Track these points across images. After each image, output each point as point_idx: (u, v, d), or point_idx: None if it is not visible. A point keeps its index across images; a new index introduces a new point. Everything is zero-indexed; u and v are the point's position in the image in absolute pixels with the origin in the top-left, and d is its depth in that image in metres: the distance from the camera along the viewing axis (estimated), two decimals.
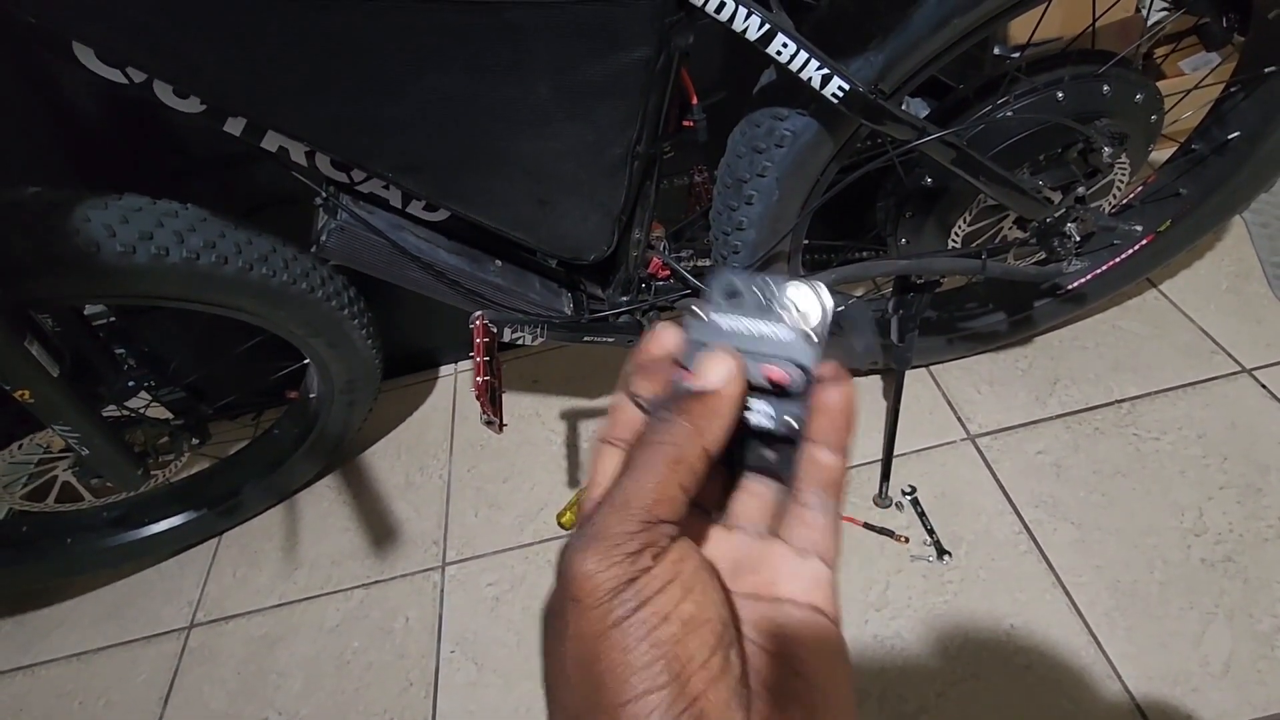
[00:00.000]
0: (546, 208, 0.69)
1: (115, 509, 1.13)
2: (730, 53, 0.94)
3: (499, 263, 0.78)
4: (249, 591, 1.15)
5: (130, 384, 1.26)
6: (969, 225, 0.85)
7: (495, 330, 0.72)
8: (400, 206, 0.71)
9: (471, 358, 0.70)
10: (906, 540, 0.99)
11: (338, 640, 1.05)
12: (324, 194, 0.65)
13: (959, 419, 1.12)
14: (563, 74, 0.58)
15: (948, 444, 1.10)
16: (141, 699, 1.04)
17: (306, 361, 1.06)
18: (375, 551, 1.16)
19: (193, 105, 0.58)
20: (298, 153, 0.63)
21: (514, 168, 0.65)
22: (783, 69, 0.60)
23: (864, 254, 1.02)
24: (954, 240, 0.87)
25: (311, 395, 1.12)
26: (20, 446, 0.86)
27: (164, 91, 0.59)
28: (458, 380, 1.42)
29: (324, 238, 0.67)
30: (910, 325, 0.91)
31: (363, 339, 1.02)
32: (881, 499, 1.03)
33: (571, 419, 1.28)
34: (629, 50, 0.57)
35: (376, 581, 1.12)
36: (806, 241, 0.88)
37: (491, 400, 0.71)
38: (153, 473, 0.94)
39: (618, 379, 1.11)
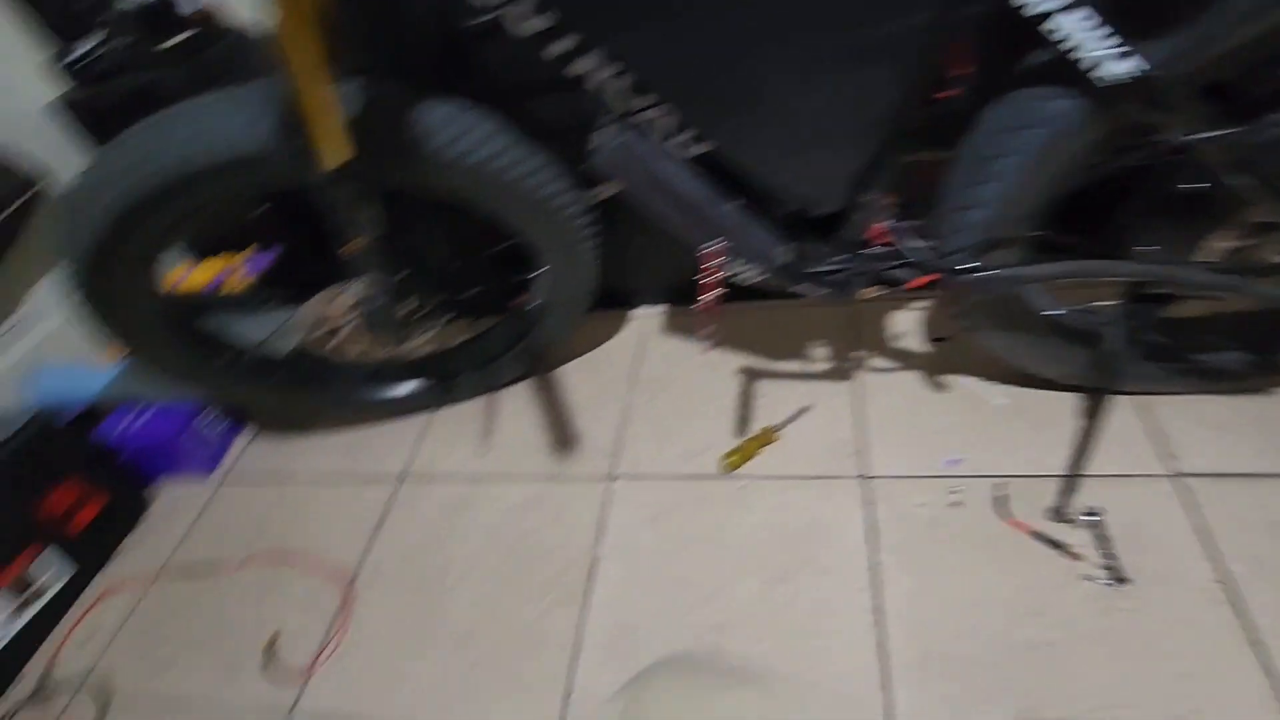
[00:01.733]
0: (798, 156, 0.76)
1: (368, 368, 1.37)
2: (991, 27, 0.94)
3: (732, 204, 0.86)
4: (451, 459, 1.35)
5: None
6: (1226, 241, 0.80)
7: (723, 259, 0.81)
8: (668, 136, 0.81)
9: (703, 273, 0.80)
10: (1079, 558, 0.95)
11: (514, 518, 1.21)
12: (611, 116, 0.77)
13: (1169, 453, 1.05)
14: (850, 30, 0.64)
15: (1146, 476, 1.03)
16: (360, 522, 1.27)
17: (536, 274, 1.22)
18: (556, 451, 1.30)
19: (536, 25, 0.71)
20: (603, 75, 0.74)
21: (783, 113, 0.72)
22: (1064, 46, 0.62)
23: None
24: (1209, 256, 0.82)
25: (533, 305, 1.28)
26: (328, 295, 1.08)
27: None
28: (647, 323, 1.53)
29: (601, 154, 0.79)
30: (1133, 340, 0.87)
31: (591, 262, 1.15)
32: (1059, 514, 1.00)
33: (748, 376, 1.34)
34: (918, 13, 0.62)
35: (553, 478, 1.26)
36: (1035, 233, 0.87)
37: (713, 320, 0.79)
38: (409, 338, 1.14)
39: (797, 347, 1.14)
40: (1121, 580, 0.92)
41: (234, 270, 1.60)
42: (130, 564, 1.33)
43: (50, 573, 1.24)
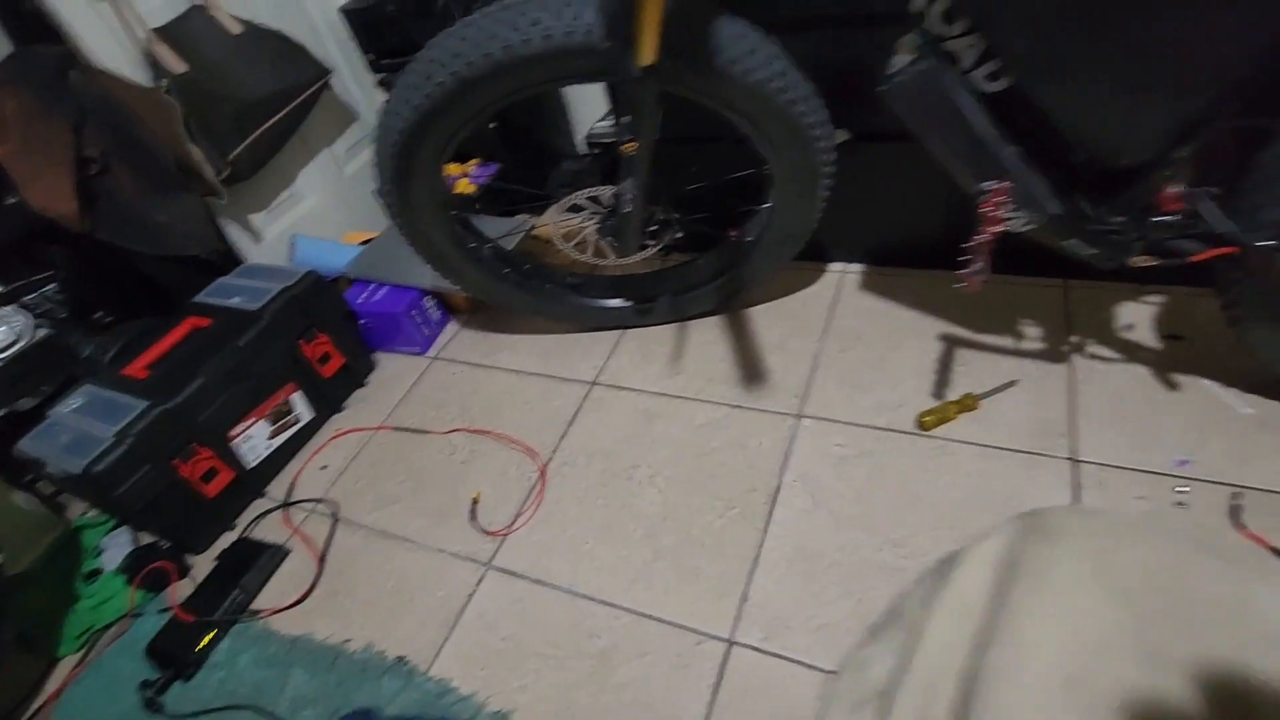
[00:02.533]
0: (1123, 96, 0.73)
1: (577, 278, 1.47)
2: None
3: (1017, 148, 0.84)
4: (640, 375, 1.43)
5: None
6: None
7: (1002, 201, 0.80)
8: (969, 69, 0.80)
9: (985, 214, 0.79)
10: None
11: (702, 435, 1.27)
12: (920, 41, 0.78)
13: None
14: None
15: None
16: (555, 416, 1.38)
17: (761, 208, 1.25)
18: (743, 384, 1.35)
19: None
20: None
21: (1125, 45, 0.69)
22: None
23: None
24: None
25: (749, 239, 1.32)
26: (589, 193, 1.17)
27: None
28: (844, 279, 1.53)
29: (900, 77, 0.80)
30: None
31: (820, 199, 1.17)
32: None
33: (950, 343, 1.32)
34: None
35: (740, 407, 1.31)
36: None
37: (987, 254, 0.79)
38: (638, 250, 1.22)
39: (1006, 323, 1.10)
40: None
41: (459, 180, 1.76)
42: (358, 415, 1.53)
43: (301, 408, 1.45)
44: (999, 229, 0.77)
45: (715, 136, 1.08)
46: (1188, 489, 1.01)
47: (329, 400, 1.52)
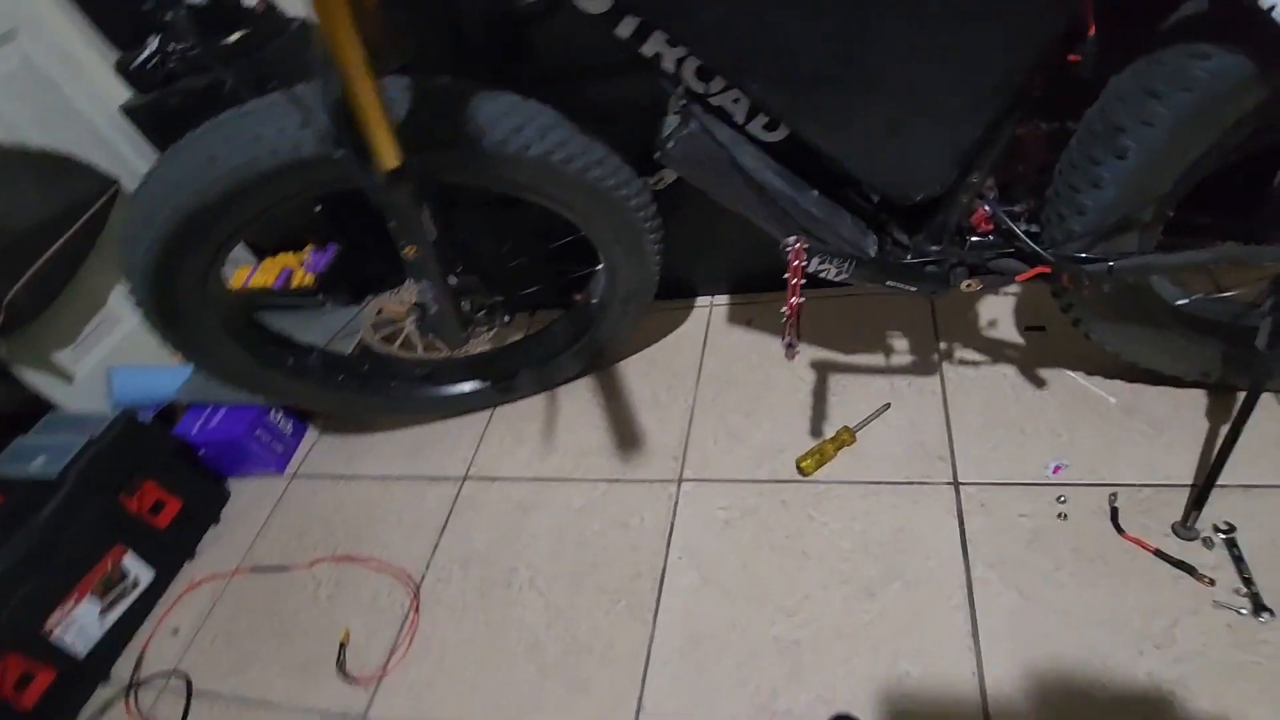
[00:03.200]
0: (894, 135, 0.67)
1: (426, 367, 1.35)
2: None
3: (817, 192, 0.78)
4: (511, 461, 1.32)
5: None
6: None
7: (807, 257, 0.73)
8: (742, 122, 0.74)
9: (786, 280, 0.72)
10: (1212, 583, 0.85)
11: (581, 520, 1.18)
12: (682, 102, 0.70)
13: None
14: None
15: None
16: (425, 524, 1.26)
17: (596, 269, 1.16)
18: (620, 453, 1.26)
19: (600, 6, 0.65)
20: (670, 59, 0.68)
21: (879, 86, 0.63)
22: None
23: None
24: None
25: (594, 300, 1.23)
26: (391, 294, 1.06)
27: None
28: (712, 313, 1.46)
29: (671, 143, 0.72)
30: None
31: (653, 254, 1.09)
32: (1185, 529, 0.89)
33: (822, 370, 1.26)
34: None
35: (618, 480, 1.22)
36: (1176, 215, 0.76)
37: (797, 325, 0.72)
38: (469, 340, 1.11)
39: (874, 338, 1.05)
40: (1262, 610, 0.81)
41: (294, 270, 1.62)
42: (212, 559, 1.36)
43: (136, 570, 1.28)
44: (799, 300, 0.70)
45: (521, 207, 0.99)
46: (1066, 499, 0.97)
47: (173, 550, 1.35)
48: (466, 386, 1.37)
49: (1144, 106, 0.65)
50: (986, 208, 0.78)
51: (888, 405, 1.16)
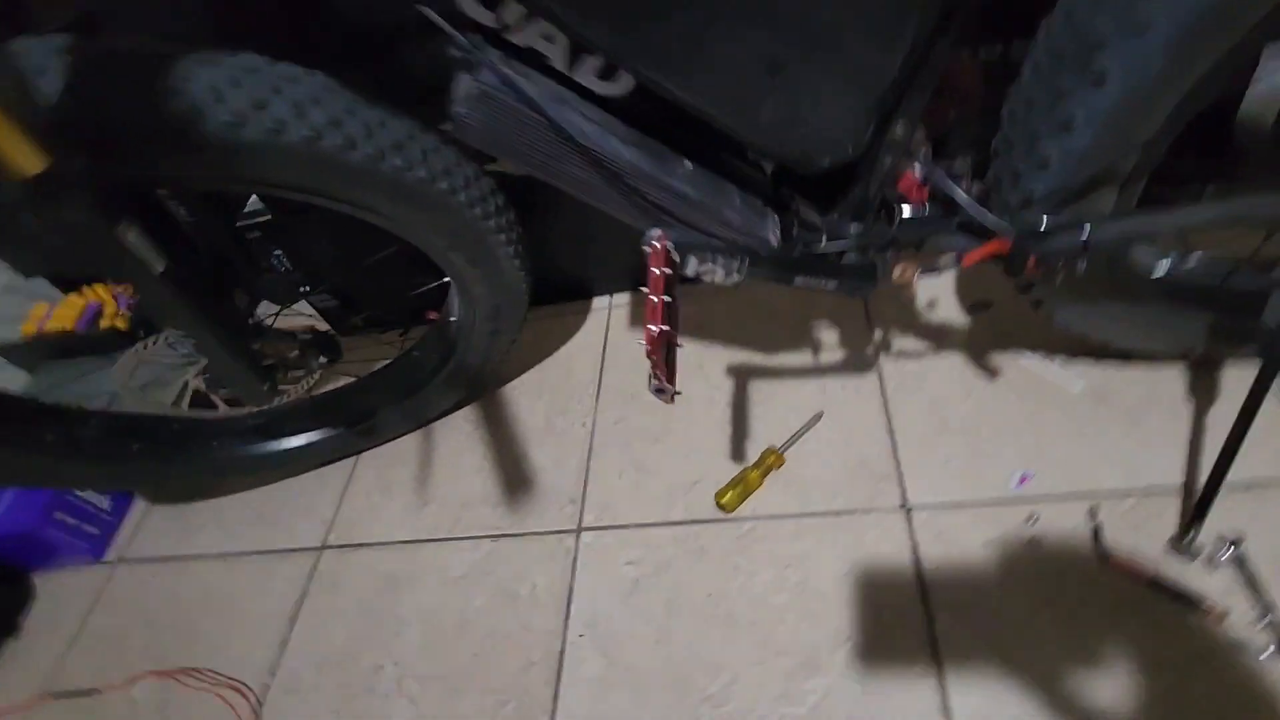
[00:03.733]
0: (778, 77, 0.45)
1: (258, 418, 1.08)
2: None
3: (689, 164, 0.55)
4: (379, 521, 1.07)
5: (288, 286, 1.23)
6: None
7: (678, 259, 0.51)
8: (565, 69, 0.50)
9: (644, 294, 0.50)
10: (1224, 615, 0.68)
11: (460, 594, 0.94)
12: (464, 42, 0.46)
13: None
14: None
15: None
16: (273, 614, 1.01)
17: (446, 280, 0.92)
18: (507, 500, 1.03)
19: None
20: None
21: (744, 6, 0.41)
22: None
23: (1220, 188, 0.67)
24: None
25: (452, 319, 0.99)
26: (146, 345, 0.79)
27: None
28: (611, 315, 1.24)
29: (460, 107, 0.48)
30: None
31: (509, 258, 0.85)
32: (1184, 546, 0.72)
33: (741, 375, 1.06)
34: None
35: (505, 535, 0.99)
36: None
37: (667, 358, 0.50)
38: (282, 387, 0.85)
39: (800, 332, 0.83)
40: None
41: (104, 305, 1.30)
42: (7, 684, 1.07)
43: None
44: (662, 327, 0.48)
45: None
46: (1037, 518, 0.79)
47: None
48: (315, 435, 1.11)
49: (1122, 12, 0.45)
50: (918, 170, 0.57)
51: (819, 415, 0.96)
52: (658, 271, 0.49)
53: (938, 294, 1.05)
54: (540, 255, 1.08)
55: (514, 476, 1.05)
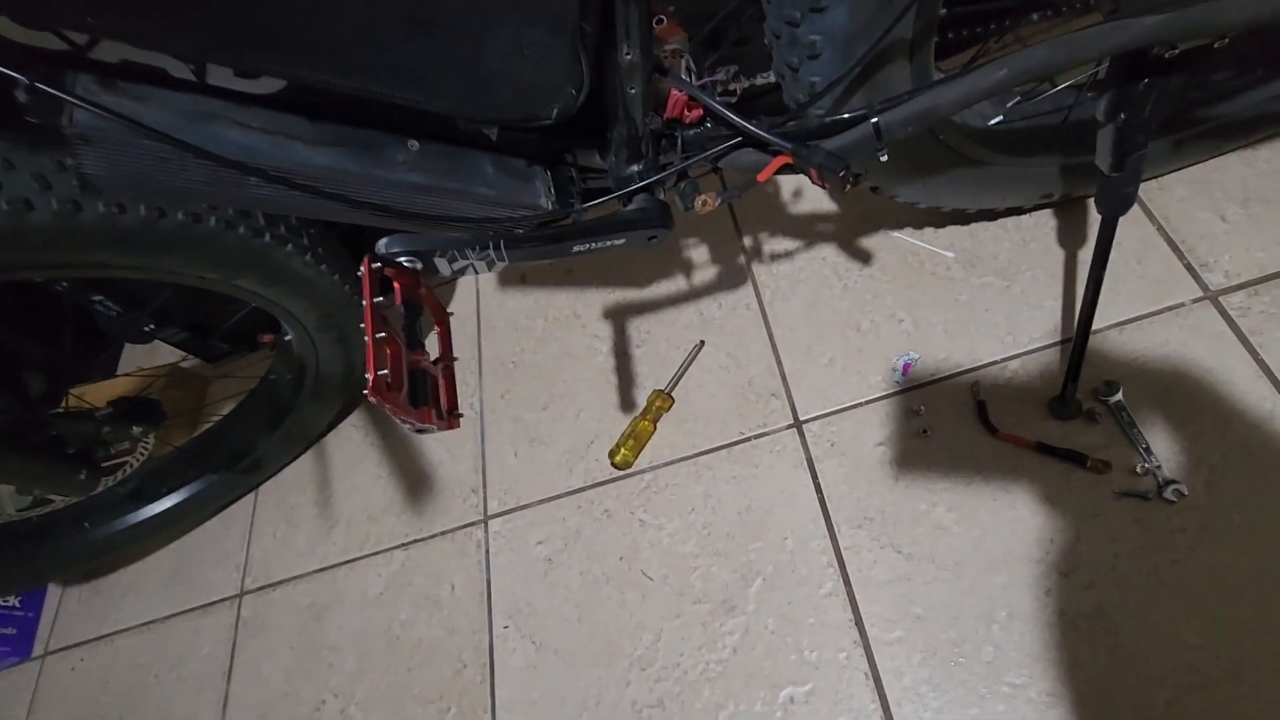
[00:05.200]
0: (438, 36, 0.36)
1: (128, 484, 1.00)
2: None
3: (414, 144, 0.46)
4: (290, 554, 1.03)
5: (131, 328, 1.11)
6: None
7: (418, 264, 0.43)
8: (193, 76, 0.40)
9: (361, 332, 0.42)
10: (1106, 467, 0.67)
11: (384, 611, 0.92)
12: (26, 80, 0.35)
13: (1188, 267, 0.73)
14: None
15: (1170, 310, 0.72)
16: (208, 673, 0.98)
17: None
18: (411, 504, 0.98)
19: None
20: None
21: None
22: None
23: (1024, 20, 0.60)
24: None
25: (287, 337, 0.90)
26: None
27: None
28: (479, 280, 1.15)
29: (74, 160, 0.38)
30: (1139, 141, 0.52)
31: (311, 263, 0.75)
32: (1064, 405, 0.70)
33: (618, 317, 0.99)
34: None
35: (415, 540, 0.95)
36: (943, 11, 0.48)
37: (416, 397, 0.43)
38: (108, 465, 0.77)
39: (675, 253, 0.75)
40: (1167, 485, 0.64)
41: None
42: None
43: None
44: (381, 333, 0.40)
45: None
46: (923, 407, 0.76)
47: None
48: (197, 485, 1.04)
49: None
50: (678, 86, 0.49)
51: (701, 344, 0.91)
52: (366, 303, 0.42)
53: (801, 183, 0.98)
54: (363, 237, 0.98)
55: (413, 478, 1.01)
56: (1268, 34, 0.66)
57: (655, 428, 0.88)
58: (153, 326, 1.14)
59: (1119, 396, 0.68)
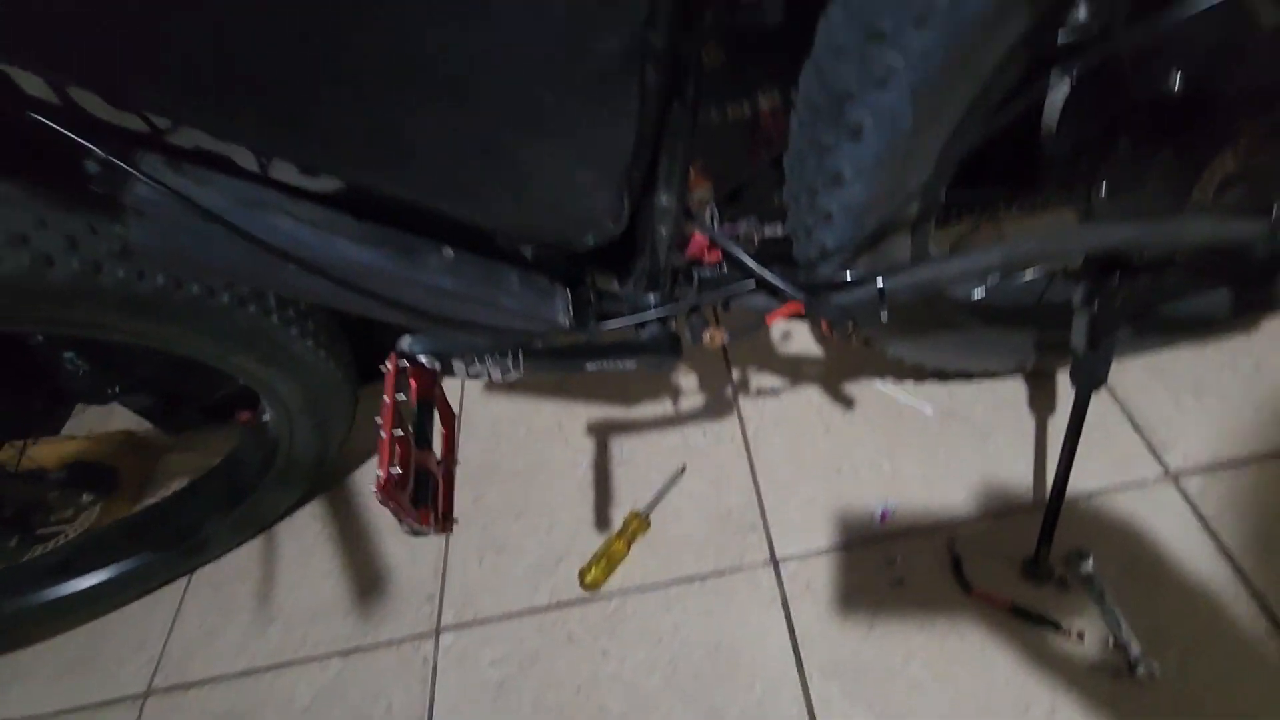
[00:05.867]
0: (494, 161, 0.40)
1: (53, 556, 0.93)
2: None
3: (449, 252, 0.49)
4: (215, 650, 0.94)
5: (95, 388, 1.07)
6: (1236, 164, 0.50)
7: (436, 366, 0.44)
8: (257, 168, 0.43)
9: (377, 429, 0.42)
10: (1080, 637, 0.67)
11: None
12: (101, 153, 0.37)
13: (1150, 447, 0.78)
14: None
15: (1134, 486, 0.76)
16: None
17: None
18: (359, 606, 0.92)
19: None
20: (31, 77, 0.35)
21: (413, 84, 0.35)
22: None
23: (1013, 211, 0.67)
24: (1201, 193, 0.52)
25: (266, 418, 0.88)
26: None
27: None
28: (465, 382, 1.15)
29: (125, 228, 0.40)
30: (1110, 326, 0.57)
31: (311, 349, 0.76)
32: (1038, 568, 0.71)
33: (603, 433, 1.00)
34: None
35: (357, 649, 0.88)
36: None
37: (419, 497, 0.43)
38: (42, 533, 0.72)
39: (655, 381, 0.76)
40: (1138, 664, 0.64)
41: None
42: None
43: None
44: (397, 430, 0.41)
45: None
46: (900, 558, 0.77)
47: None
48: (130, 563, 0.96)
49: (867, 59, 0.42)
50: (703, 230, 0.53)
51: (683, 469, 0.91)
52: (389, 400, 0.42)
53: (791, 324, 1.03)
54: (370, 326, 0.99)
55: (367, 577, 0.95)
56: (1216, 252, 0.75)
57: (629, 550, 0.86)
58: (119, 389, 1.11)
59: (1090, 566, 0.70)
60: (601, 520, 0.91)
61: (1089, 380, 0.62)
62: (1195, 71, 0.45)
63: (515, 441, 1.04)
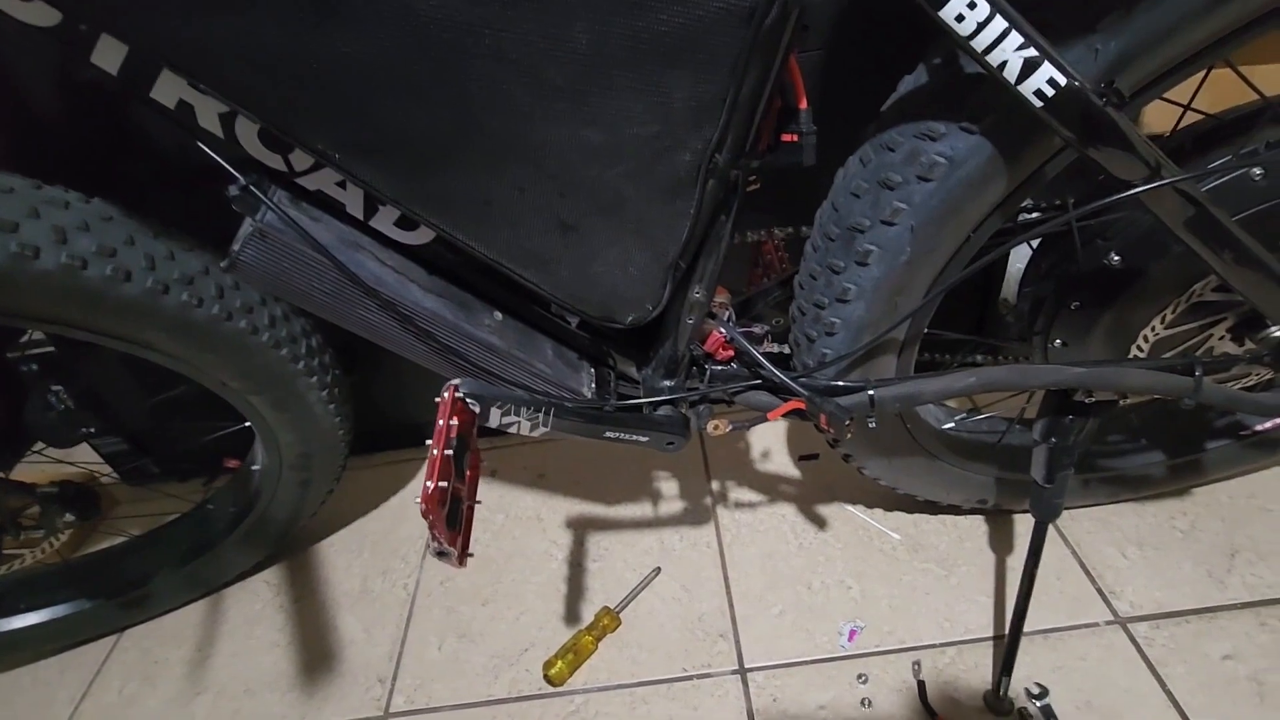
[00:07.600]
0: (571, 236, 0.47)
1: None
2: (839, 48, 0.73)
3: (499, 315, 0.55)
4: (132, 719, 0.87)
5: (67, 427, 1.06)
6: (1164, 328, 0.60)
7: (477, 409, 0.48)
8: (362, 216, 0.50)
9: (429, 448, 0.46)
10: None
11: None
12: (243, 181, 0.44)
13: (1100, 592, 0.83)
14: (617, 15, 0.37)
15: (1087, 627, 0.80)
16: None
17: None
18: (303, 682, 0.87)
19: (48, 17, 0.38)
20: (208, 114, 0.43)
21: (527, 165, 0.43)
22: (964, 48, 0.39)
23: (988, 357, 0.77)
24: (1138, 350, 0.62)
25: (255, 467, 0.88)
26: None
27: None
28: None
29: (236, 245, 0.45)
30: (1065, 461, 0.64)
31: (323, 402, 0.78)
32: (999, 700, 0.73)
33: (580, 528, 1.01)
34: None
35: None
36: (927, 331, 0.63)
37: (451, 519, 0.46)
38: (7, 553, 0.70)
39: (634, 482, 0.82)
40: None
41: None
42: None
43: None
44: (444, 483, 0.44)
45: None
46: (867, 677, 0.78)
47: None
48: (62, 608, 0.91)
49: (879, 201, 0.51)
50: (721, 330, 0.61)
51: (657, 570, 0.93)
52: (443, 421, 0.46)
53: (770, 444, 1.09)
54: (368, 397, 1.02)
55: (315, 652, 0.91)
56: (1153, 412, 0.85)
57: (597, 647, 0.85)
58: (92, 430, 1.10)
59: (1048, 701, 0.72)
60: (571, 614, 0.90)
61: (1047, 510, 0.69)
62: (1130, 250, 0.56)
63: (492, 527, 1.04)
